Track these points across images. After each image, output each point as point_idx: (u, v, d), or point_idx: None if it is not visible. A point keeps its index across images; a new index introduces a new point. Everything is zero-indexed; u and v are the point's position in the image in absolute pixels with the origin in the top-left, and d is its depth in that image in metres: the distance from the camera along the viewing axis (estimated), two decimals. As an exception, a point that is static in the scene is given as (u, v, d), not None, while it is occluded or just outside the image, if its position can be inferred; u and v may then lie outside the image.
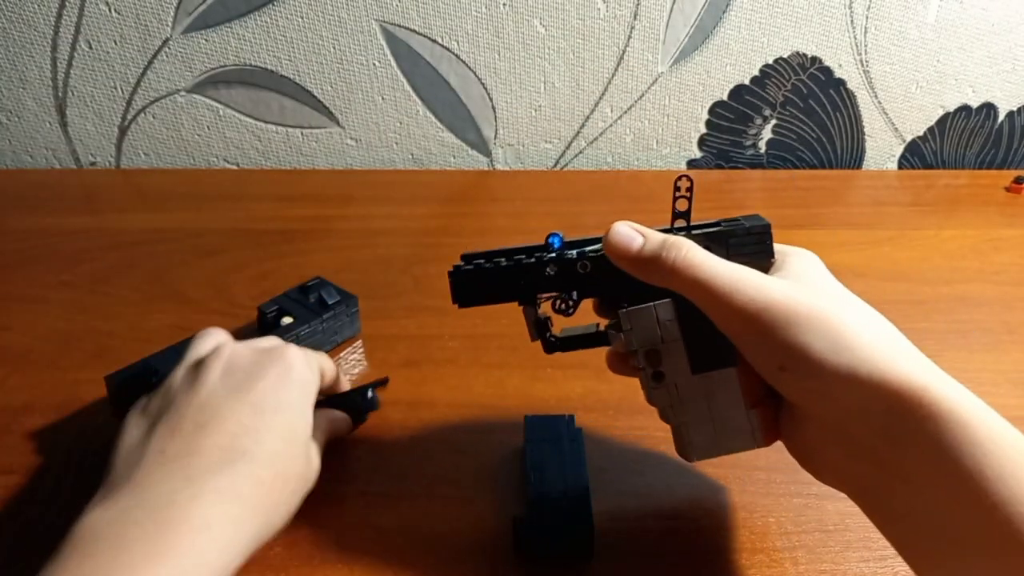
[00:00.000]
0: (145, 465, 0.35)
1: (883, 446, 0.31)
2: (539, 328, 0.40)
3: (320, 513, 0.42)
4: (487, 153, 0.84)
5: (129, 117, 0.81)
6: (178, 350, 0.48)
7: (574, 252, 0.39)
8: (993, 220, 0.75)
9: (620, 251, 0.36)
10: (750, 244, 0.37)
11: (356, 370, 0.54)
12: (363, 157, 0.84)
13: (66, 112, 0.80)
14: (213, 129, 0.82)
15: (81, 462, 0.45)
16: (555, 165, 0.86)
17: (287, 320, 0.53)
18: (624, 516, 0.43)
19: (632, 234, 0.37)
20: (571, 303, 0.39)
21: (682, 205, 0.38)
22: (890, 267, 0.66)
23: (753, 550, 0.41)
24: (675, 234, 0.37)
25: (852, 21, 0.78)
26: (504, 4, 0.76)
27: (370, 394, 0.46)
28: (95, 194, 0.79)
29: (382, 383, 0.48)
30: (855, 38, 0.79)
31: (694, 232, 0.38)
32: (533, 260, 0.39)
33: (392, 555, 0.40)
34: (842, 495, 0.36)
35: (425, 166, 0.84)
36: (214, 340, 0.43)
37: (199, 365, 0.40)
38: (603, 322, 0.41)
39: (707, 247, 0.36)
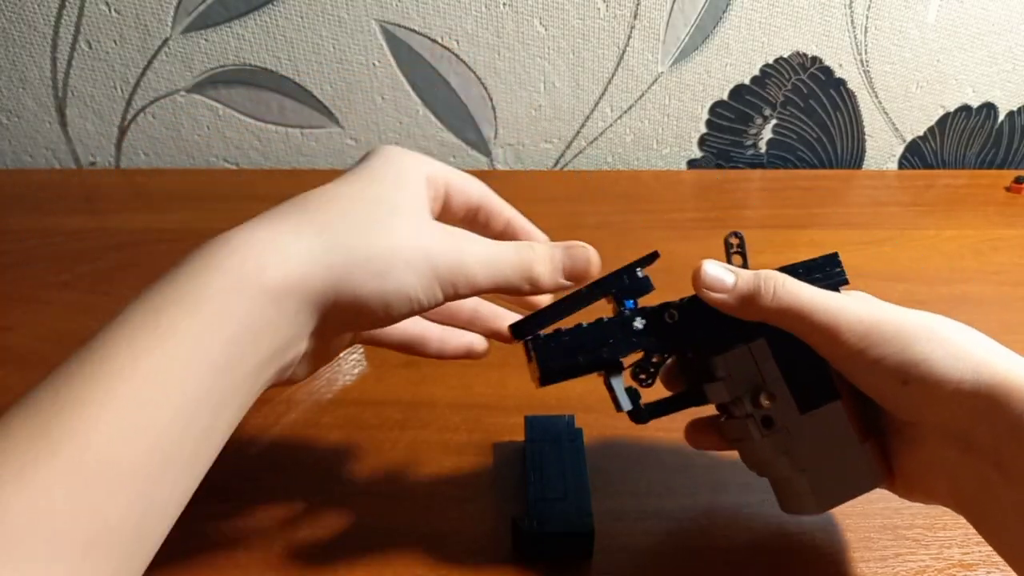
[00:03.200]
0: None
1: (1008, 449, 0.31)
2: (632, 397, 0.37)
3: (320, 513, 0.42)
4: (487, 153, 0.84)
5: (129, 117, 0.81)
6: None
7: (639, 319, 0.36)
8: (993, 220, 0.75)
9: (716, 287, 0.35)
10: (826, 275, 0.36)
11: (356, 370, 0.54)
12: (363, 157, 0.84)
13: (66, 112, 0.80)
14: (213, 129, 0.82)
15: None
16: (555, 165, 0.86)
17: (287, 320, 0.52)
18: (624, 516, 0.43)
19: (723, 271, 0.36)
20: (652, 368, 0.37)
21: (737, 261, 0.37)
22: (890, 267, 0.66)
23: (754, 550, 0.41)
24: None
25: (852, 21, 0.78)
26: (504, 4, 0.76)
27: (640, 273, 0.37)
28: (95, 194, 0.79)
29: (651, 259, 0.38)
30: (855, 38, 0.79)
31: None
32: (616, 316, 0.36)
33: (392, 555, 0.40)
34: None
35: (425, 166, 0.84)
36: None
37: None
38: None
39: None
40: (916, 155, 0.87)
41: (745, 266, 0.37)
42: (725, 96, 0.82)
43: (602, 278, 0.37)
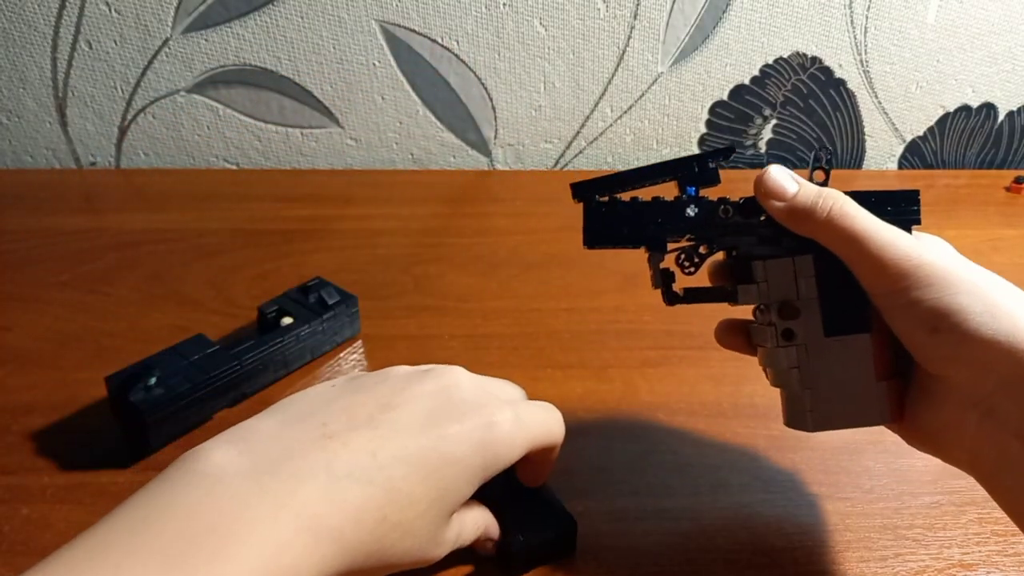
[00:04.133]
0: (301, 430, 0.32)
1: None
2: (664, 278, 0.38)
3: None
4: (487, 153, 0.84)
5: (129, 117, 0.81)
6: (178, 350, 0.49)
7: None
8: (993, 220, 0.74)
9: (775, 193, 0.35)
10: (899, 209, 0.36)
11: (356, 370, 0.54)
12: (363, 157, 0.84)
13: (66, 112, 0.80)
14: (213, 129, 0.82)
15: (81, 462, 0.45)
16: (555, 165, 0.86)
17: (287, 320, 0.53)
18: (624, 516, 0.43)
19: (788, 179, 0.35)
20: (697, 258, 0.37)
21: (819, 177, 0.37)
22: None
23: (753, 550, 0.41)
24: None
25: (852, 21, 0.78)
26: (504, 4, 0.76)
27: (711, 164, 0.37)
28: (95, 194, 0.78)
29: (727, 153, 0.38)
30: (855, 38, 0.79)
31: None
32: (673, 199, 0.37)
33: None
34: (842, 495, 0.36)
35: (425, 166, 0.84)
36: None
37: (431, 372, 0.37)
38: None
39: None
40: (916, 155, 0.87)
41: (825, 183, 0.36)
42: (725, 96, 0.82)
43: (673, 160, 0.37)
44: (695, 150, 0.85)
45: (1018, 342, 0.30)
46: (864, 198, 0.35)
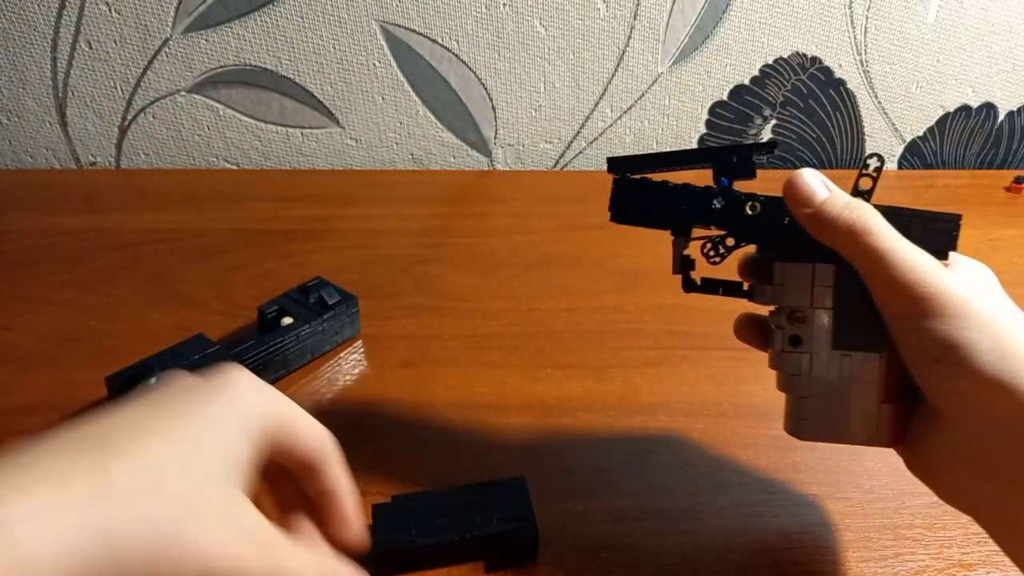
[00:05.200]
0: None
1: None
2: (684, 264, 0.38)
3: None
4: (487, 153, 0.84)
5: (129, 117, 0.81)
6: (178, 351, 0.49)
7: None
8: (993, 220, 0.75)
9: (802, 198, 0.34)
10: (934, 232, 0.34)
11: (356, 370, 0.54)
12: (363, 157, 0.84)
13: (66, 112, 0.80)
14: (213, 129, 0.82)
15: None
16: (555, 165, 0.86)
17: (287, 320, 0.53)
18: (624, 516, 0.43)
19: (818, 184, 0.34)
20: (722, 250, 0.37)
21: (865, 184, 0.36)
22: (890, 267, 0.66)
23: (753, 550, 0.41)
24: None
25: (852, 21, 0.78)
26: (504, 4, 0.76)
27: (751, 157, 0.37)
28: (95, 194, 0.79)
29: (770, 147, 0.38)
30: (855, 38, 0.79)
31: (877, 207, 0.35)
32: (702, 188, 0.36)
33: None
34: (842, 495, 0.36)
35: (425, 166, 0.84)
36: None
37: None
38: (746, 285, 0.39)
39: (890, 221, 0.33)
40: (916, 155, 0.87)
41: (872, 191, 0.35)
42: (725, 96, 0.82)
43: (714, 147, 0.37)
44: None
45: (1019, 384, 0.29)
46: (900, 216, 0.34)
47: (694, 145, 0.85)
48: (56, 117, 0.80)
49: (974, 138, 0.86)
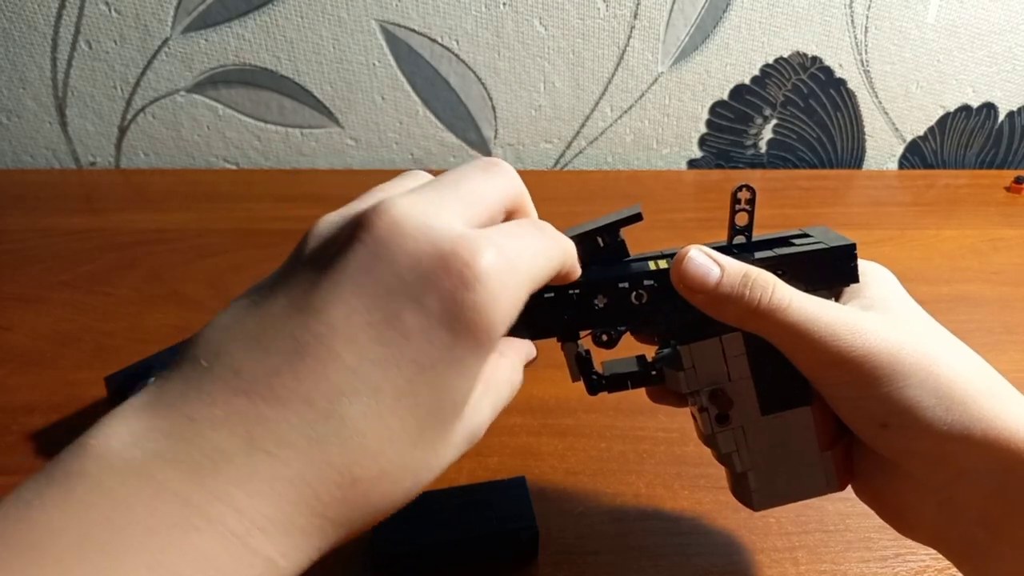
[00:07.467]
0: (210, 381, 0.23)
1: (995, 509, 0.29)
2: (582, 366, 0.34)
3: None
4: (487, 153, 0.84)
5: (129, 117, 0.81)
6: (178, 351, 0.48)
7: (625, 276, 0.33)
8: (993, 220, 0.75)
9: (695, 284, 0.31)
10: (834, 268, 0.33)
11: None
12: (363, 157, 0.84)
13: (66, 112, 0.80)
14: (213, 129, 0.82)
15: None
16: (555, 165, 0.86)
17: (287, 320, 0.52)
18: (624, 516, 0.43)
19: (708, 264, 0.31)
20: (614, 333, 0.33)
21: (742, 219, 0.33)
22: (890, 267, 0.66)
23: (753, 550, 0.41)
24: (735, 252, 0.32)
25: (852, 21, 0.78)
26: (504, 4, 0.76)
27: (620, 236, 0.33)
28: (95, 194, 0.79)
29: (634, 219, 0.33)
30: (855, 38, 0.79)
31: (762, 254, 0.33)
32: (578, 291, 0.33)
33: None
34: (842, 495, 0.36)
35: (425, 166, 0.84)
36: (407, 183, 0.29)
37: (358, 229, 0.24)
38: (648, 351, 0.36)
39: (784, 275, 0.31)
40: (916, 155, 0.87)
41: (750, 225, 0.33)
42: (725, 96, 0.82)
43: (581, 233, 0.33)
44: (695, 150, 0.85)
45: (971, 433, 0.28)
46: (795, 263, 0.32)
47: (695, 145, 0.85)
48: (56, 117, 0.80)
49: (974, 138, 0.86)
